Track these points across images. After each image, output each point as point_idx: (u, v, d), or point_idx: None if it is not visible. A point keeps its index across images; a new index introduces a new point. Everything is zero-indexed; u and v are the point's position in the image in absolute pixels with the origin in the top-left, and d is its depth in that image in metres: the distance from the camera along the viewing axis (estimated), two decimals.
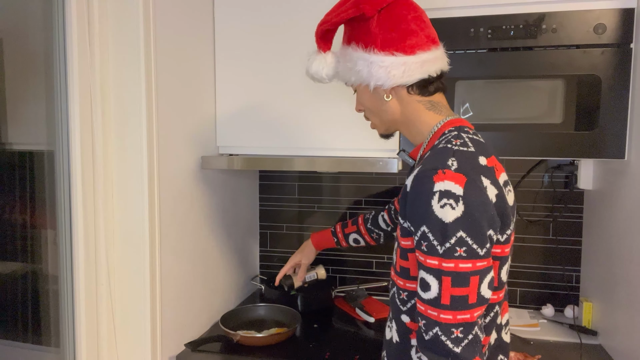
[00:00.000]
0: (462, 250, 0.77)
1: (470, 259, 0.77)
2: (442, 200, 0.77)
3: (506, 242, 0.85)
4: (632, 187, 1.30)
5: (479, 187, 0.79)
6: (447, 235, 0.77)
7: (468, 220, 0.77)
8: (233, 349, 1.39)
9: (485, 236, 0.78)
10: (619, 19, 1.28)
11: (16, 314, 1.28)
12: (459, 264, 0.77)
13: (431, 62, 0.93)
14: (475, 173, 0.80)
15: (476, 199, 0.78)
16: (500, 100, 1.36)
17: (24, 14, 1.22)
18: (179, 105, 1.41)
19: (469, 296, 0.77)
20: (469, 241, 0.77)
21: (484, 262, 0.78)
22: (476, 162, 0.83)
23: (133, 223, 1.27)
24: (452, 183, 0.78)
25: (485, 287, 0.79)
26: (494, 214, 0.80)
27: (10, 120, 1.22)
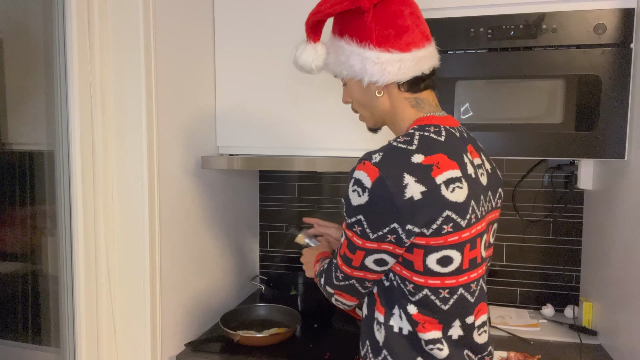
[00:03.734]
0: (358, 229, 0.89)
1: (362, 238, 0.89)
2: (354, 186, 0.88)
3: (433, 235, 0.87)
4: (632, 187, 1.30)
5: (390, 183, 0.84)
6: (350, 214, 0.89)
7: (367, 209, 0.87)
8: (233, 349, 1.40)
9: (383, 226, 0.86)
10: (619, 19, 1.28)
11: (16, 314, 1.28)
12: (353, 237, 0.91)
13: (425, 60, 0.94)
14: (395, 169, 0.85)
15: (381, 194, 0.85)
16: (500, 100, 1.36)
17: (24, 14, 1.22)
18: (179, 105, 1.41)
19: (353, 260, 0.93)
20: (365, 224, 0.88)
21: (373, 244, 0.89)
22: (404, 159, 0.86)
23: (133, 223, 1.27)
24: (364, 174, 0.86)
25: (371, 262, 0.91)
26: (402, 210, 0.85)
27: (11, 120, 1.22)
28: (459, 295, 0.92)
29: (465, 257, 0.91)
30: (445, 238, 0.88)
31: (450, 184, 0.87)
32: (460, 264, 0.90)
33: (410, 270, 0.90)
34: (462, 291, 0.93)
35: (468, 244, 0.90)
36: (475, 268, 0.94)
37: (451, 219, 0.87)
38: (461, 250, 0.90)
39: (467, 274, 0.92)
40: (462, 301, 0.93)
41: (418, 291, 0.91)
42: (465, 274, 0.92)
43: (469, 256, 0.91)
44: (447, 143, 0.91)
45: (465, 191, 0.88)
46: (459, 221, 0.88)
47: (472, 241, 0.91)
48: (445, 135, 0.92)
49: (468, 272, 0.92)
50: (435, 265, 0.89)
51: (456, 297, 0.92)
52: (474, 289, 0.95)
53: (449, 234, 0.88)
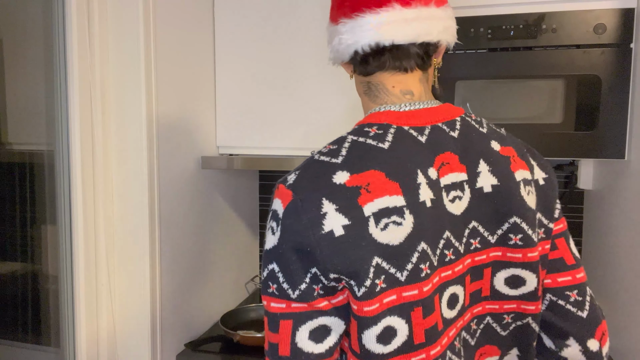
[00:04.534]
0: (274, 287, 0.63)
1: (283, 299, 0.62)
2: (271, 222, 0.65)
3: (368, 298, 0.60)
4: (632, 187, 1.29)
5: (304, 211, 0.61)
6: (265, 263, 0.65)
7: (279, 252, 0.63)
8: (233, 348, 1.39)
9: (303, 273, 0.62)
10: (619, 19, 1.28)
11: (16, 314, 1.28)
12: (270, 303, 0.63)
13: (359, 35, 0.69)
14: (311, 193, 0.62)
15: (293, 226, 0.61)
16: (500, 100, 1.36)
17: (24, 14, 1.22)
18: (179, 105, 1.41)
19: (278, 345, 0.62)
20: (280, 277, 0.63)
21: (302, 304, 0.62)
22: (325, 178, 0.63)
23: (133, 223, 1.27)
24: (279, 202, 0.65)
25: (305, 339, 0.62)
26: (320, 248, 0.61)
27: (10, 120, 1.22)
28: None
29: (415, 326, 0.62)
30: (381, 299, 0.61)
31: (382, 217, 0.61)
32: (409, 338, 0.62)
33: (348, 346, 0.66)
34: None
35: (418, 307, 0.63)
36: (433, 342, 0.64)
37: (382, 269, 0.61)
38: (405, 316, 0.62)
39: (424, 350, 0.63)
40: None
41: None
42: (420, 350, 0.63)
43: (423, 325, 0.63)
44: (390, 153, 0.65)
45: (405, 229, 0.62)
46: (393, 272, 0.61)
47: (427, 302, 0.63)
48: (393, 140, 0.66)
49: (425, 347, 0.63)
50: (376, 344, 0.62)
51: None
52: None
53: (383, 292, 0.61)
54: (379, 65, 0.71)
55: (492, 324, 0.74)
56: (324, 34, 1.49)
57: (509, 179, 0.70)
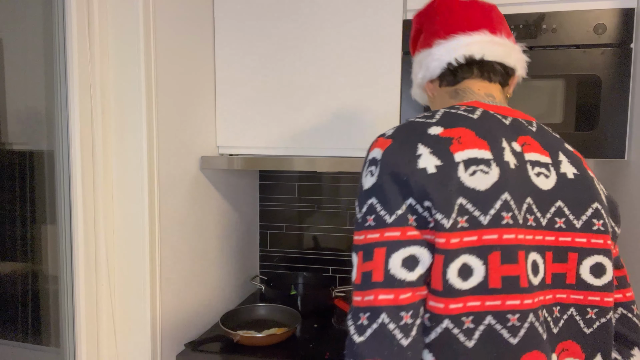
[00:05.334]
0: (371, 219, 0.68)
1: (378, 229, 0.67)
2: (368, 168, 0.72)
3: (452, 231, 0.66)
4: (632, 187, 1.30)
5: (402, 150, 0.70)
6: (362, 204, 0.70)
7: (379, 187, 0.69)
8: (233, 349, 1.39)
9: (399, 202, 0.67)
10: (619, 19, 1.28)
11: (16, 314, 1.28)
12: (367, 235, 0.68)
13: (451, 50, 0.85)
14: (408, 139, 0.72)
15: (392, 161, 0.69)
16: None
17: (24, 14, 1.22)
18: (179, 105, 1.41)
19: (372, 272, 0.66)
20: (378, 207, 0.68)
21: (395, 231, 0.66)
22: (421, 130, 0.73)
23: (133, 223, 1.27)
24: (378, 149, 0.72)
25: (398, 266, 0.66)
26: (416, 180, 0.67)
27: (10, 120, 1.22)
28: (487, 327, 0.66)
29: (491, 268, 0.66)
30: (461, 236, 0.66)
31: (471, 164, 0.69)
32: (485, 279, 0.66)
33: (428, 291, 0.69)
34: (491, 322, 0.66)
35: (497, 251, 0.66)
36: (512, 292, 0.66)
37: (466, 210, 0.67)
38: (483, 258, 0.66)
39: (499, 296, 0.66)
40: (493, 339, 0.66)
41: (434, 325, 0.67)
42: (495, 296, 0.66)
43: (501, 271, 0.66)
44: (479, 121, 0.75)
45: (491, 178, 0.69)
46: (476, 215, 0.67)
47: (506, 249, 0.67)
48: (481, 115, 0.77)
49: (502, 294, 0.66)
50: (457, 278, 0.66)
51: (483, 330, 0.66)
52: (515, 325, 0.67)
53: (464, 230, 0.66)
54: (468, 74, 0.86)
55: (575, 317, 0.75)
56: (323, 34, 1.49)
57: (585, 171, 0.79)
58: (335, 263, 1.96)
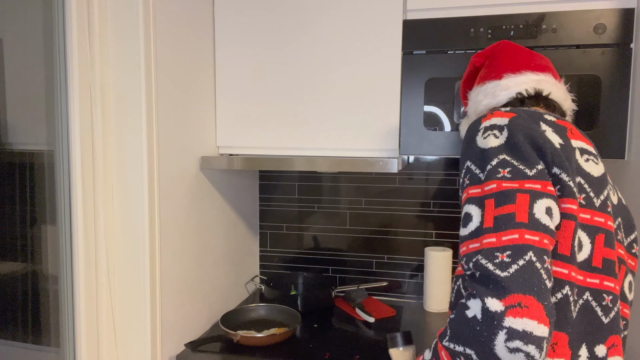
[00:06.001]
0: (505, 171, 0.68)
1: (517, 179, 0.67)
2: (486, 132, 0.74)
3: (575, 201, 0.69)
4: (632, 187, 1.29)
5: (529, 121, 0.74)
6: (488, 159, 0.71)
7: (511, 143, 0.70)
8: (233, 349, 1.39)
9: (535, 159, 0.69)
10: (619, 19, 1.28)
11: (16, 314, 1.28)
12: (502, 184, 0.67)
13: (521, 83, 0.94)
14: (530, 116, 0.76)
15: (521, 125, 0.72)
16: None
17: (24, 14, 1.22)
18: (179, 105, 1.41)
19: (516, 214, 0.64)
20: (514, 162, 0.69)
21: (536, 184, 0.67)
22: (538, 115, 0.78)
23: (133, 223, 1.27)
24: (498, 118, 0.75)
25: (542, 212, 0.65)
26: (545, 148, 0.70)
27: (10, 120, 1.22)
28: (585, 302, 0.70)
29: (596, 248, 0.70)
30: (578, 212, 0.69)
31: (584, 153, 0.75)
32: (589, 257, 0.70)
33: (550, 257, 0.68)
34: (589, 297, 0.70)
35: (602, 233, 0.71)
36: (608, 275, 0.70)
37: (584, 188, 0.71)
38: (591, 237, 0.70)
39: (598, 276, 0.70)
40: (590, 314, 0.70)
41: (557, 289, 0.67)
42: (595, 274, 0.70)
43: (603, 253, 0.70)
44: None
45: (600, 168, 0.75)
46: (592, 196, 0.71)
47: (608, 234, 0.71)
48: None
49: (601, 274, 0.70)
50: (577, 247, 0.69)
51: (581, 304, 0.70)
52: (608, 305, 0.70)
53: (582, 207, 0.71)
54: (534, 104, 0.93)
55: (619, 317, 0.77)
56: (323, 34, 1.49)
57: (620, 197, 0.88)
58: (335, 263, 1.96)
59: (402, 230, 1.88)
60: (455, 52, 1.39)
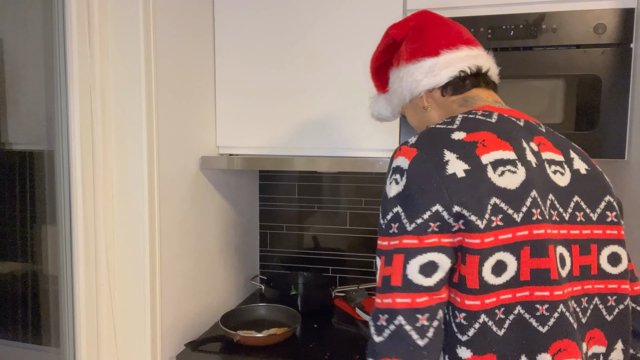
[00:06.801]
0: (395, 227, 0.71)
1: (399, 236, 0.70)
2: (393, 175, 0.75)
3: (487, 231, 0.69)
4: (632, 187, 1.29)
5: (429, 159, 0.72)
6: (386, 211, 0.73)
7: (404, 195, 0.71)
8: (233, 349, 1.39)
9: (423, 209, 0.70)
10: (619, 19, 1.28)
11: (16, 314, 1.28)
12: (390, 242, 0.71)
13: (461, 60, 0.90)
14: (433, 146, 0.74)
15: (420, 171, 0.72)
16: (501, 100, 1.36)
17: (24, 14, 1.22)
18: (179, 105, 1.41)
19: (391, 277, 0.69)
20: (402, 216, 0.71)
21: (413, 239, 0.69)
22: (444, 136, 0.75)
23: (133, 223, 1.27)
24: (403, 158, 0.75)
25: (415, 272, 0.69)
26: (446, 186, 0.70)
27: (10, 120, 1.22)
28: (517, 316, 0.71)
29: (522, 264, 0.70)
30: (497, 235, 0.70)
31: (498, 165, 0.72)
32: (517, 273, 0.70)
33: (462, 291, 0.71)
34: (520, 311, 0.71)
35: (527, 246, 0.70)
36: (540, 284, 0.71)
37: (500, 209, 0.70)
38: (516, 253, 0.70)
39: (528, 288, 0.71)
40: (523, 327, 0.71)
41: (472, 322, 0.70)
42: (525, 287, 0.71)
43: (530, 264, 0.70)
44: (498, 125, 0.78)
45: (519, 177, 0.72)
46: (510, 213, 0.70)
47: (535, 244, 0.71)
48: (498, 118, 0.80)
49: (530, 285, 0.71)
50: (491, 275, 0.70)
51: (512, 319, 0.71)
52: (544, 314, 0.71)
53: (499, 229, 0.70)
54: (475, 83, 0.90)
55: (599, 305, 0.79)
56: (323, 34, 1.49)
57: (595, 167, 0.84)
58: (335, 263, 1.96)
59: None
60: None
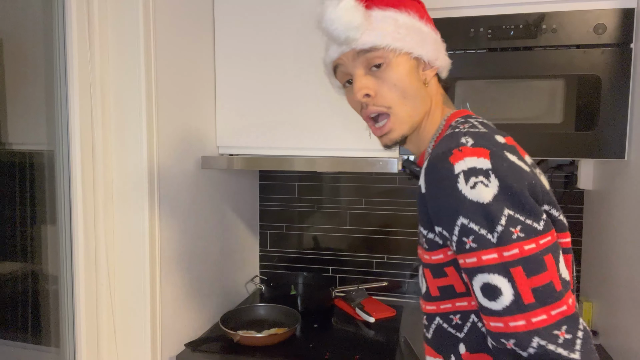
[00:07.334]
0: (517, 231, 0.60)
1: (531, 238, 0.60)
2: (470, 179, 0.62)
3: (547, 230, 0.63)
4: (632, 187, 1.29)
5: (507, 158, 0.64)
6: (494, 217, 0.60)
7: (508, 194, 0.61)
8: (233, 349, 1.39)
9: (536, 207, 0.62)
10: (619, 19, 1.28)
11: (16, 314, 1.28)
12: (523, 247, 0.59)
13: (442, 48, 0.81)
14: (497, 147, 0.65)
15: (508, 167, 0.63)
16: (500, 100, 1.36)
17: (24, 14, 1.22)
18: (179, 105, 1.40)
19: (553, 282, 0.59)
20: (519, 217, 0.61)
21: (547, 237, 0.61)
22: (494, 139, 0.67)
23: (133, 223, 1.27)
24: (474, 158, 0.63)
25: (563, 267, 0.63)
26: (536, 184, 0.64)
27: (10, 120, 1.22)
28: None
29: None
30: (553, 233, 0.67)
31: (535, 168, 0.70)
32: None
33: None
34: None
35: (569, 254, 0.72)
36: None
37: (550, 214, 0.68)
38: None
39: None
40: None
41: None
42: None
43: None
44: None
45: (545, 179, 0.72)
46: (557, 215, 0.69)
47: None
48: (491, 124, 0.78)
49: None
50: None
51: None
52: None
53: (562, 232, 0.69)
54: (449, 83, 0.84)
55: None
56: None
57: None
58: (335, 263, 1.96)
59: (402, 230, 1.88)
60: (455, 52, 1.39)
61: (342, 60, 0.80)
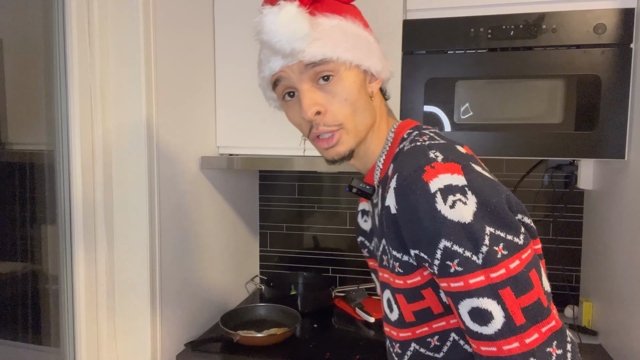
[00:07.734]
0: (501, 249, 0.59)
1: (514, 255, 0.59)
2: (448, 198, 0.59)
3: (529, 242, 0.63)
4: (632, 187, 1.29)
5: (477, 171, 0.63)
6: (477, 237, 0.59)
7: (487, 210, 0.59)
8: (233, 349, 1.39)
9: (515, 221, 0.61)
10: (619, 19, 1.28)
11: (16, 314, 1.28)
12: (508, 266, 0.58)
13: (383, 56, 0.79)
14: (465, 160, 0.64)
15: (483, 182, 0.61)
16: (500, 100, 1.36)
17: (24, 14, 1.22)
18: (179, 105, 1.40)
19: (540, 299, 0.59)
20: (500, 233, 0.59)
21: (527, 250, 0.60)
22: (457, 150, 0.66)
23: (133, 223, 1.27)
24: (448, 175, 0.61)
25: (545, 279, 0.62)
26: (509, 195, 0.64)
27: (10, 120, 1.22)
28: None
29: None
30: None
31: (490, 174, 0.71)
32: None
33: None
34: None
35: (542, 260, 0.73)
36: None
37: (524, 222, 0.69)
38: None
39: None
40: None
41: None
42: None
43: None
44: None
45: None
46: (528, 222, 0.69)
47: None
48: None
49: None
50: None
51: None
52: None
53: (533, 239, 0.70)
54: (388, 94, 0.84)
55: None
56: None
57: None
58: (335, 263, 1.96)
59: None
60: (455, 52, 1.39)
61: (285, 73, 0.73)
